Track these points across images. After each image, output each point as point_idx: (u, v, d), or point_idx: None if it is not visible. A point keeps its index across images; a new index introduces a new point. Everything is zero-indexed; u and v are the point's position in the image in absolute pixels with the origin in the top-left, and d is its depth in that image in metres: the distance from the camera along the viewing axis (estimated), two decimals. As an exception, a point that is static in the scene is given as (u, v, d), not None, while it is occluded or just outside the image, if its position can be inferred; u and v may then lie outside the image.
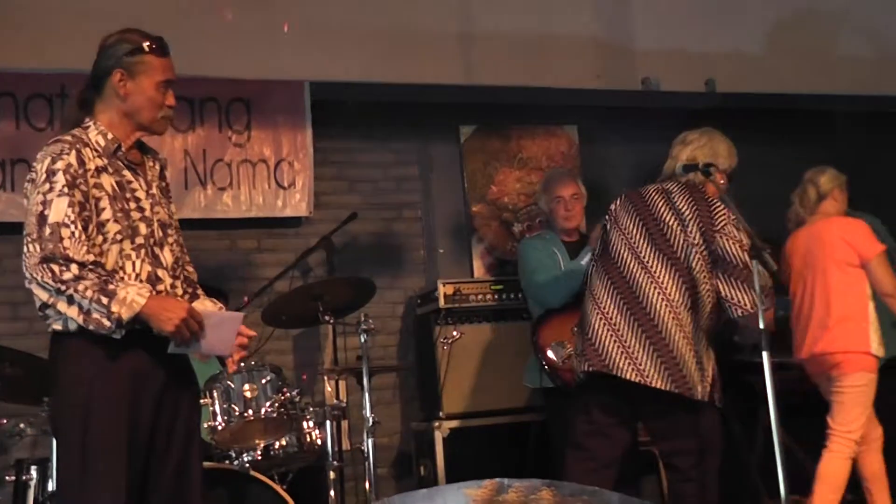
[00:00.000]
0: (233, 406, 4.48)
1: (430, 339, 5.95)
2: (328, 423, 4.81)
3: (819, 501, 5.21)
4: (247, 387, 4.53)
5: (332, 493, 4.79)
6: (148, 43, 3.30)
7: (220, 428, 4.47)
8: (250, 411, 4.50)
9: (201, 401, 4.10)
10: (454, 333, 5.72)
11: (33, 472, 4.52)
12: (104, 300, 3.01)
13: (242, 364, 4.62)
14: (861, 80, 7.31)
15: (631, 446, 4.34)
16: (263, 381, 4.57)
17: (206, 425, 4.34)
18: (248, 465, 4.45)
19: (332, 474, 4.81)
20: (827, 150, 7.28)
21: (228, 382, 4.52)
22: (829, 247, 5.34)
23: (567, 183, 5.47)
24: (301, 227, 6.30)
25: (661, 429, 4.25)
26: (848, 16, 7.48)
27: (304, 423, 4.71)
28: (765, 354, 3.94)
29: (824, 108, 7.28)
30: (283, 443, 4.64)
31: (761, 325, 3.99)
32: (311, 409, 4.78)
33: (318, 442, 4.75)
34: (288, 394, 4.60)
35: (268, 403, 4.52)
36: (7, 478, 4.65)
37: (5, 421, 4.66)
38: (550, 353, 5.01)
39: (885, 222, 6.18)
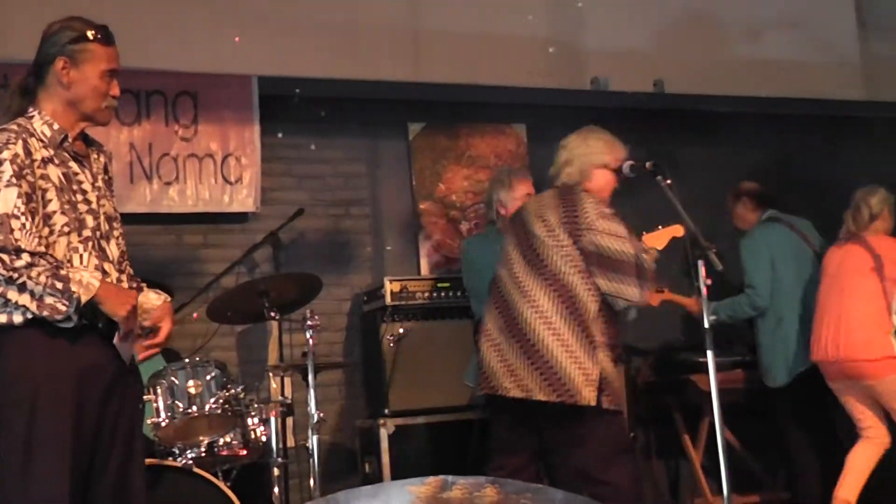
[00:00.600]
0: (176, 402, 4.43)
1: (377, 336, 5.93)
2: (273, 419, 4.78)
3: None
4: (191, 383, 4.49)
5: (276, 490, 4.75)
6: (92, 31, 3.25)
7: (163, 424, 4.42)
8: (194, 408, 4.45)
9: (145, 397, 4.05)
10: (400, 330, 5.71)
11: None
12: (59, 284, 2.99)
13: (187, 360, 4.62)
14: (805, 84, 7.40)
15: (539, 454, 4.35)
16: (208, 377, 4.53)
17: (149, 422, 4.30)
18: (191, 461, 4.40)
19: (276, 471, 4.77)
20: (771, 152, 7.38)
21: (172, 378, 4.47)
22: (874, 258, 5.55)
23: (530, 180, 5.46)
24: (248, 222, 6.26)
25: (560, 439, 4.24)
26: (792, 21, 7.57)
27: (249, 420, 4.67)
28: (709, 354, 3.98)
29: (769, 112, 7.36)
30: (228, 439, 4.60)
31: (706, 325, 4.03)
32: (256, 405, 4.75)
33: (263, 439, 4.72)
34: (232, 390, 4.57)
35: (212, 400, 4.48)
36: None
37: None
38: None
39: (824, 223, 6.27)
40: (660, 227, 5.27)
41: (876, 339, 5.41)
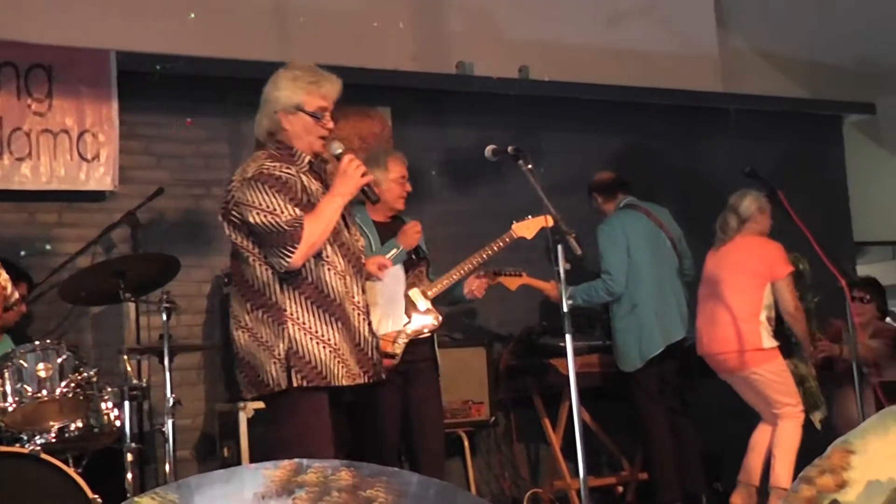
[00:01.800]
0: (25, 386, 4.31)
1: (237, 319, 5.83)
2: (127, 403, 4.67)
3: (780, 467, 5.65)
4: (41, 366, 4.37)
5: (129, 475, 4.64)
6: None
7: (10, 409, 4.30)
8: (44, 392, 4.34)
9: (-9, 380, 3.92)
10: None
11: None
12: None
13: (37, 342, 4.48)
14: (665, 74, 7.57)
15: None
16: (59, 360, 4.43)
17: (-5, 407, 4.16)
18: (39, 448, 4.25)
19: (129, 456, 4.66)
20: (633, 140, 7.52)
21: (21, 361, 4.34)
22: (745, 260, 5.80)
23: (405, 162, 5.37)
24: (105, 201, 6.10)
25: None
26: (652, 12, 7.73)
27: (103, 404, 4.57)
28: (568, 338, 4.01)
29: (631, 100, 7.49)
30: (80, 424, 4.48)
31: (564, 309, 4.06)
32: (110, 389, 4.63)
33: (117, 423, 4.61)
34: (85, 373, 4.46)
35: (63, 383, 4.38)
36: None
37: None
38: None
39: (682, 211, 6.41)
40: (529, 216, 5.32)
41: (744, 332, 5.69)
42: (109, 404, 4.59)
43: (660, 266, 6.04)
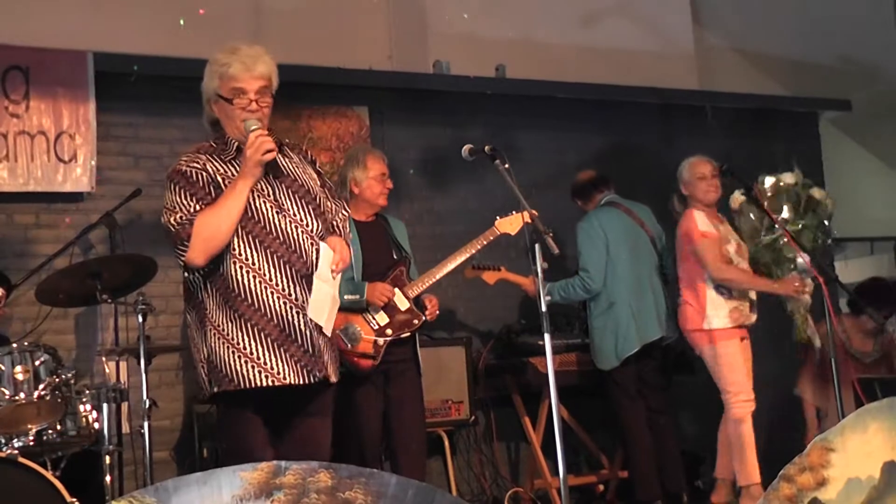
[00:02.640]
0: (2, 389, 4.29)
1: (216, 320, 5.82)
2: (105, 405, 4.66)
3: (739, 464, 5.67)
4: (19, 368, 4.36)
5: (108, 478, 4.63)
6: None
7: (-13, 412, 4.27)
8: (22, 394, 4.33)
9: (-33, 384, 3.90)
10: (239, 313, 5.61)
11: None
12: None
13: (14, 345, 4.46)
14: (641, 72, 7.58)
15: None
16: (37, 362, 4.41)
17: (-28, 410, 4.14)
18: (17, 451, 4.24)
19: (107, 459, 4.65)
20: (610, 138, 7.54)
21: (-2, 364, 4.32)
22: (677, 240, 5.90)
23: (385, 160, 5.35)
24: (83, 202, 6.08)
25: None
26: (628, 11, 7.75)
27: (81, 406, 4.56)
28: (546, 337, 4.01)
29: (608, 98, 7.50)
30: (58, 427, 4.46)
31: (543, 308, 4.06)
32: (88, 391, 4.62)
33: (96, 425, 4.60)
34: (63, 376, 4.44)
35: (41, 386, 4.36)
36: None
37: None
38: (340, 337, 4.95)
39: (661, 209, 6.42)
40: (513, 212, 5.34)
41: (689, 313, 5.79)
42: (88, 406, 4.58)
43: (639, 264, 6.05)
